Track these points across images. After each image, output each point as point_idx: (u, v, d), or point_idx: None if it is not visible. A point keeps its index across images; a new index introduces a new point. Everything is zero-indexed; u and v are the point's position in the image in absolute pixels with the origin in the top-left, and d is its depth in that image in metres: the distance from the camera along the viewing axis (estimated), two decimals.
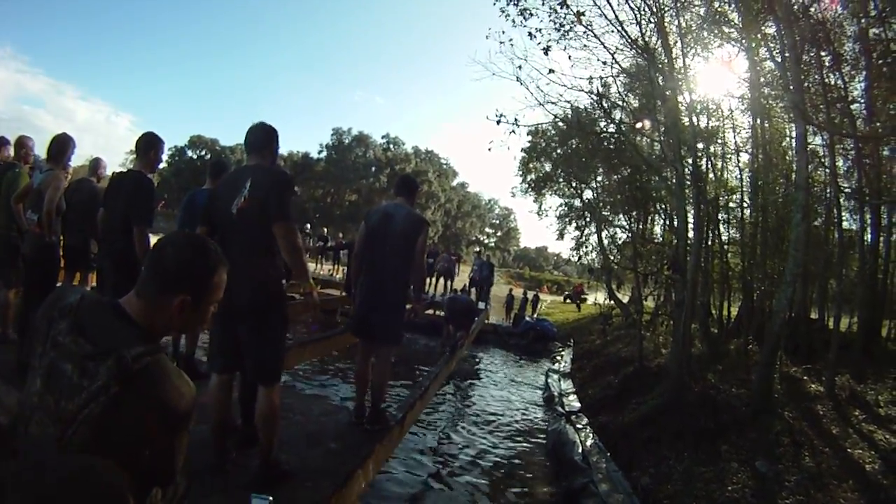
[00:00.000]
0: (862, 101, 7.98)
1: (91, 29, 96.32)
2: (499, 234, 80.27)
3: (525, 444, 7.25)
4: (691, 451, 5.47)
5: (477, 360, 13.22)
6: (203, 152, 62.61)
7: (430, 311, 12.96)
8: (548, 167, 17.54)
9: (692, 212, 8.08)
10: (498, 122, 8.68)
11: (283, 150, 63.58)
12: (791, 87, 6.32)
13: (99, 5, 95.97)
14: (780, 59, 6.82)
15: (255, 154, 2.74)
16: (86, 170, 5.28)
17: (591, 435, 6.72)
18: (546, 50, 7.84)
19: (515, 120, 8.65)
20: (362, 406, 3.82)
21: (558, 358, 14.02)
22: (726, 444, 5.41)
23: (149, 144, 3.49)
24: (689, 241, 7.73)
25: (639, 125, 9.56)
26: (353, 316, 3.85)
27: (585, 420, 7.39)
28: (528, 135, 14.93)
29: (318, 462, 3.01)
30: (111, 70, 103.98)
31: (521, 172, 19.00)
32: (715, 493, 4.64)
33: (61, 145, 4.01)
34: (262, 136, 2.76)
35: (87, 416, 1.03)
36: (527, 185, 19.19)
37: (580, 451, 6.18)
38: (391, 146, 64.97)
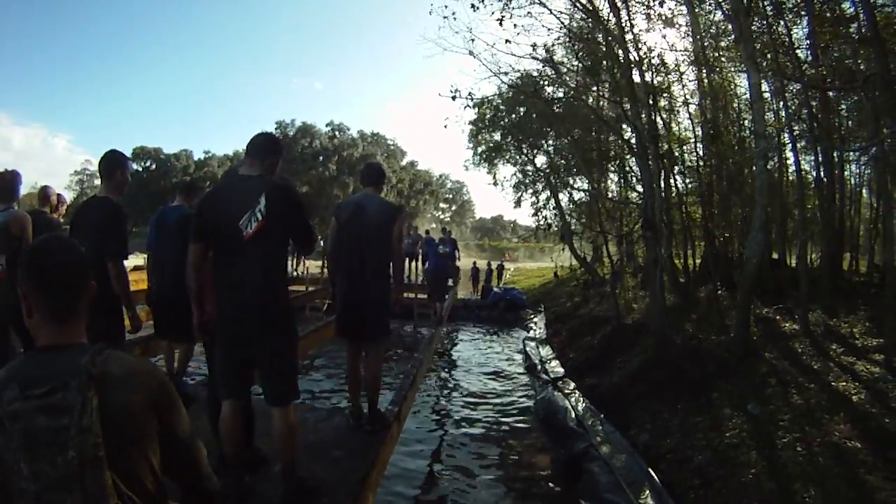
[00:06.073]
0: (806, 46, 8.12)
1: (14, 53, 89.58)
2: (453, 208, 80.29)
3: (514, 416, 7.18)
4: (684, 403, 5.55)
5: (451, 336, 13.15)
6: (148, 163, 59.90)
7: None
8: (497, 136, 17.34)
9: (652, 166, 8.12)
10: (454, 98, 8.57)
11: (229, 150, 61.99)
12: (742, 37, 6.32)
13: (18, 27, 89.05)
14: (728, 11, 6.83)
15: (257, 163, 2.48)
16: (33, 198, 4.88)
17: (581, 399, 6.72)
18: (500, 21, 7.72)
19: (470, 94, 8.57)
20: (358, 407, 3.66)
21: (532, 325, 14.09)
22: (716, 391, 5.52)
23: (113, 165, 3.15)
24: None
25: (593, 88, 9.56)
26: (337, 316, 3.66)
27: (573, 385, 7.40)
28: (473, 107, 14.57)
29: (327, 473, 2.82)
30: (42, 92, 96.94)
31: (471, 145, 18.79)
32: (714, 441, 4.70)
33: (10, 182, 3.63)
34: (270, 145, 2.55)
35: (87, 439, 1.00)
36: (478, 158, 18.98)
37: (573, 416, 6.15)
38: (336, 133, 63.50)
